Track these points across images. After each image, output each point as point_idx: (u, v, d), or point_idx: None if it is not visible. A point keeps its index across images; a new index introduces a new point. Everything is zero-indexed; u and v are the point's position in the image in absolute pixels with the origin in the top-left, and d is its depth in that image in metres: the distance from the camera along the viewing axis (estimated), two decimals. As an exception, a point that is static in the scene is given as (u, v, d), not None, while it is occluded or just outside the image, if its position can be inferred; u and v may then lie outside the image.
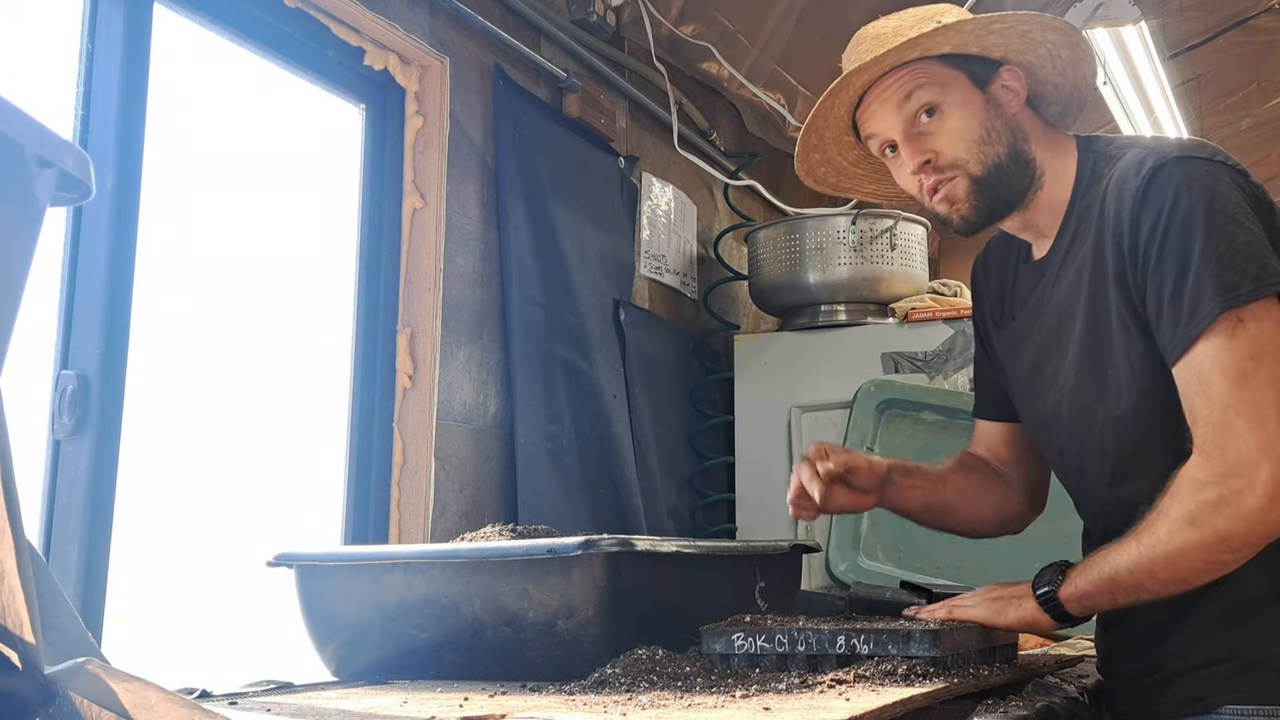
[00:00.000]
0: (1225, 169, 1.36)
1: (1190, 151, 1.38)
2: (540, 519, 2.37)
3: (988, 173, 1.48)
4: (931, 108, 1.49)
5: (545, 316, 2.59)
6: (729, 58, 3.28)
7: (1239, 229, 1.30)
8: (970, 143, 1.47)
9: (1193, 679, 1.36)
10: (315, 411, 2.24)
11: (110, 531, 1.72)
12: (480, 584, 1.49)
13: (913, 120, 1.50)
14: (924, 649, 1.31)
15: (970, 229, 1.52)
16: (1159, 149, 1.39)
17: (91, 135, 1.78)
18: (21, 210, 0.83)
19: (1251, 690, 1.31)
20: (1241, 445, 1.24)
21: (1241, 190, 1.35)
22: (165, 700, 0.82)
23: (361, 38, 2.28)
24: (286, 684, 1.53)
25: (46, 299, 1.73)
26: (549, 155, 2.69)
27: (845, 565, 2.73)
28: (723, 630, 1.42)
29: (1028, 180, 1.51)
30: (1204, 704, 1.35)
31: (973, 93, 1.49)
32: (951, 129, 1.48)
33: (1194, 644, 1.36)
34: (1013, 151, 1.49)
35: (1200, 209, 1.31)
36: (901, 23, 1.52)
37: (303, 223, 2.26)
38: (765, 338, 3.25)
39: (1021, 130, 1.50)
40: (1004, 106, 1.50)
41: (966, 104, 1.48)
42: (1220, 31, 4.26)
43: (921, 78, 1.49)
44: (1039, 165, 1.51)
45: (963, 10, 1.54)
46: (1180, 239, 1.31)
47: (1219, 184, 1.34)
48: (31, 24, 1.78)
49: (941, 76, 1.49)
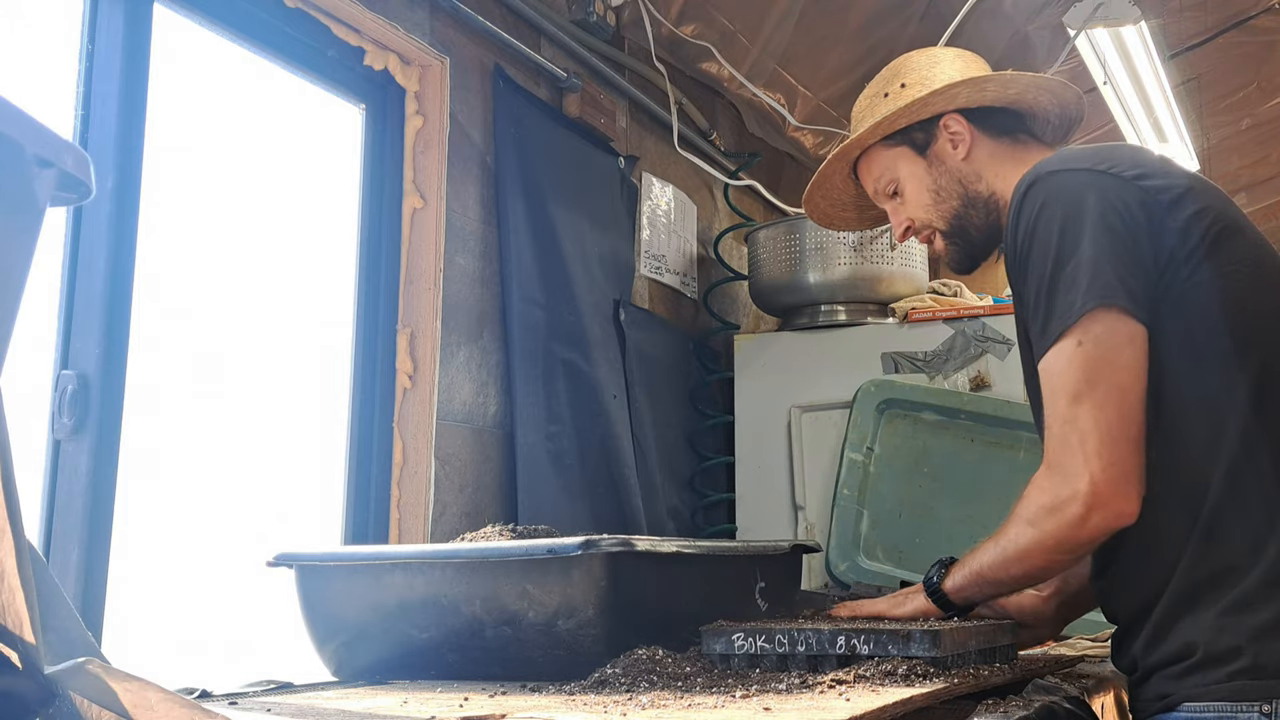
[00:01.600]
0: (1105, 178, 1.42)
1: (1067, 164, 1.45)
2: (540, 519, 2.37)
3: (951, 225, 1.69)
4: (894, 188, 1.73)
5: (545, 316, 2.59)
6: (729, 58, 3.28)
7: (1089, 243, 1.38)
8: (927, 206, 1.69)
9: (1158, 677, 1.40)
10: (315, 411, 2.24)
11: (110, 531, 1.72)
12: (480, 584, 1.49)
13: (887, 199, 1.76)
14: (924, 649, 1.31)
15: (963, 270, 1.74)
16: (1043, 165, 1.48)
17: (91, 135, 1.78)
18: (21, 210, 0.83)
19: (1204, 687, 1.34)
20: (1070, 459, 1.37)
21: (1121, 195, 1.40)
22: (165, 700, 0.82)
23: (361, 38, 2.28)
24: (286, 684, 1.53)
25: (46, 299, 1.73)
26: (549, 155, 2.69)
27: (845, 565, 2.73)
28: (723, 630, 1.42)
29: (993, 214, 1.66)
30: (1167, 702, 1.38)
31: (916, 162, 1.70)
32: (911, 200, 1.71)
33: (1154, 642, 1.41)
34: (965, 199, 1.67)
35: (1055, 224, 1.41)
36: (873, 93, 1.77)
37: (303, 223, 2.26)
38: (765, 338, 3.25)
39: (972, 173, 1.67)
40: (948, 160, 1.68)
41: (913, 176, 1.70)
42: (1220, 31, 4.26)
43: (875, 169, 1.75)
44: (999, 196, 1.65)
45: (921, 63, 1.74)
46: (1039, 256, 1.42)
47: (1086, 195, 1.41)
48: (31, 24, 1.78)
49: (888, 159, 1.73)
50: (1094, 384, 1.36)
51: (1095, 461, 1.35)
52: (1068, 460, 1.38)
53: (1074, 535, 1.39)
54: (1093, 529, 1.38)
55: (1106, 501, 1.36)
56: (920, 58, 1.76)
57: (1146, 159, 1.47)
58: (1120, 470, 1.36)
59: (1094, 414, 1.36)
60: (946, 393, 2.85)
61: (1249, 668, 1.32)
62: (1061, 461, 1.39)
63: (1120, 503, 1.36)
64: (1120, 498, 1.36)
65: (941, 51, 1.78)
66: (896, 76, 1.75)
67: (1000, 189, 1.65)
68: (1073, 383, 1.37)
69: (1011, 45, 3.79)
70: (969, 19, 3.21)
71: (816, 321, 3.18)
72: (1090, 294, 1.36)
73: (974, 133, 1.67)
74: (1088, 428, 1.36)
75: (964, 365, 2.91)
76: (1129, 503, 1.37)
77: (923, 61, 1.75)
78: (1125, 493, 1.36)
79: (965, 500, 2.75)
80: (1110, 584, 1.50)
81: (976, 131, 1.67)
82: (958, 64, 1.74)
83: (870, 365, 3.01)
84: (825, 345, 3.12)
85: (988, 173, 1.66)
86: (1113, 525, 1.38)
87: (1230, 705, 1.33)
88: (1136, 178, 1.42)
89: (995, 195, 1.66)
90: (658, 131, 3.26)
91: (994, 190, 1.65)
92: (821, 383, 3.07)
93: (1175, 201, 1.41)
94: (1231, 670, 1.33)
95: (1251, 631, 1.33)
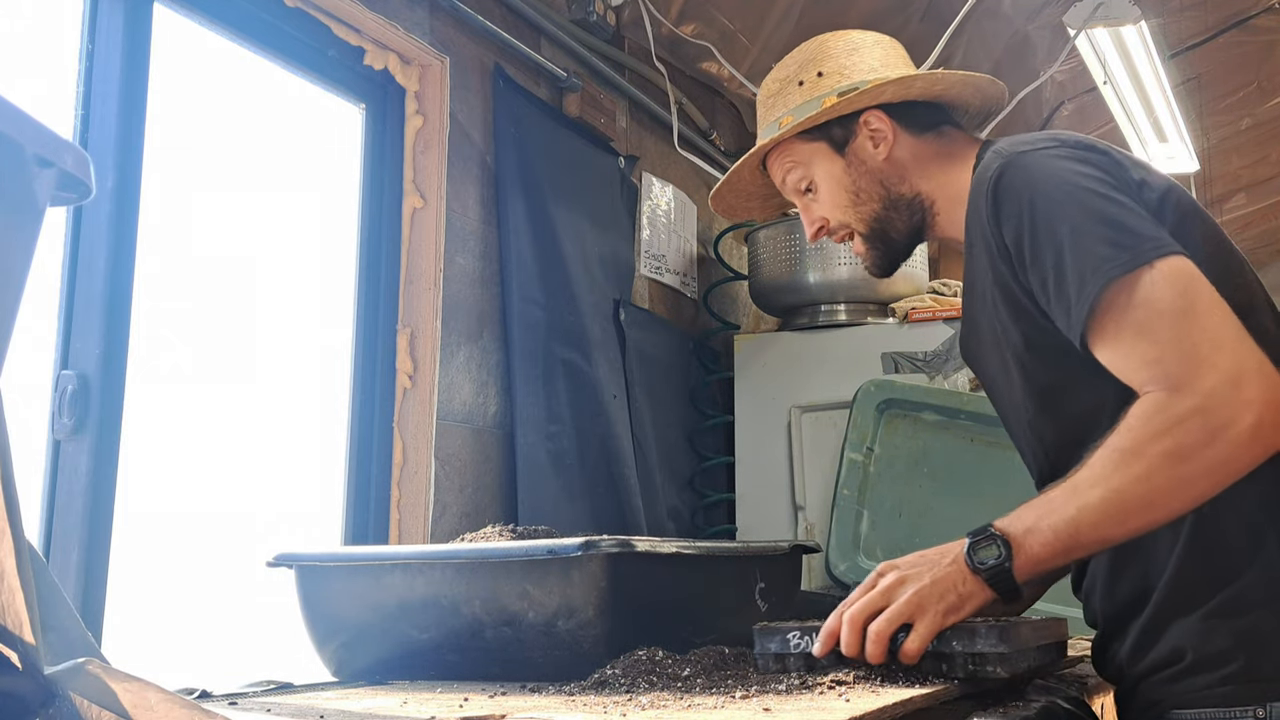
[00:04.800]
0: (1076, 151, 1.33)
1: (1033, 145, 1.36)
2: (540, 519, 2.37)
3: (871, 228, 1.57)
4: (807, 184, 1.60)
5: (545, 316, 2.59)
6: (729, 57, 3.28)
7: (1105, 202, 1.27)
8: (845, 207, 1.57)
9: (1147, 684, 1.33)
10: (316, 411, 2.24)
11: (110, 531, 1.72)
12: (480, 584, 1.49)
13: (799, 195, 1.62)
14: (991, 645, 1.23)
15: (882, 273, 1.61)
16: (1007, 148, 1.38)
17: (91, 135, 1.78)
18: (21, 210, 0.83)
19: (1196, 692, 1.28)
20: (1208, 368, 1.17)
21: (1097, 168, 1.32)
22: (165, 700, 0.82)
23: (361, 37, 2.28)
24: (286, 684, 1.53)
25: (46, 299, 1.73)
26: (549, 155, 2.69)
27: (845, 565, 2.73)
28: (776, 630, 1.37)
29: (918, 216, 1.56)
30: (1156, 709, 1.32)
31: (834, 160, 1.57)
32: (826, 200, 1.59)
33: (1141, 648, 1.34)
34: (887, 200, 1.55)
35: (1055, 196, 1.29)
36: (784, 77, 1.63)
37: (303, 223, 2.26)
38: (765, 338, 3.25)
39: (894, 173, 1.55)
40: (869, 159, 1.55)
41: (830, 175, 1.57)
42: (1220, 31, 4.26)
43: (788, 162, 1.61)
44: (925, 196, 1.55)
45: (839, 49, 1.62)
46: (1046, 230, 1.28)
47: (1066, 169, 1.31)
48: (31, 24, 1.78)
49: (803, 155, 1.59)
50: (1192, 294, 1.20)
51: (1247, 355, 1.17)
52: (1208, 371, 1.17)
53: (1240, 458, 1.18)
54: (1266, 441, 1.17)
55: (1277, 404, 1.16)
56: (838, 43, 1.62)
57: (1100, 141, 1.39)
58: (1273, 369, 1.17)
59: (1213, 316, 1.19)
60: (946, 393, 2.85)
61: (1242, 671, 1.25)
62: (1201, 374, 1.17)
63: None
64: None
65: (860, 36, 1.64)
66: (812, 63, 1.60)
67: (925, 189, 1.54)
68: (1166, 301, 1.20)
69: (1011, 45, 3.79)
70: (969, 19, 3.21)
71: (816, 321, 3.19)
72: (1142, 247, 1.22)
73: (896, 130, 1.54)
74: (1216, 325, 1.18)
75: (964, 365, 2.90)
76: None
77: (840, 47, 1.61)
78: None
79: (965, 500, 2.75)
80: (1090, 585, 1.42)
81: (899, 128, 1.55)
82: (877, 52, 1.62)
83: (870, 365, 3.01)
84: (825, 345, 3.12)
85: (911, 173, 1.54)
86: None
87: (1223, 711, 1.26)
88: (1104, 152, 1.36)
89: (920, 196, 1.54)
90: (658, 131, 3.26)
91: (918, 190, 1.54)
92: (821, 383, 3.07)
93: (1142, 182, 1.34)
94: (1224, 674, 1.26)
95: (1244, 634, 1.26)
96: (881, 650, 1.25)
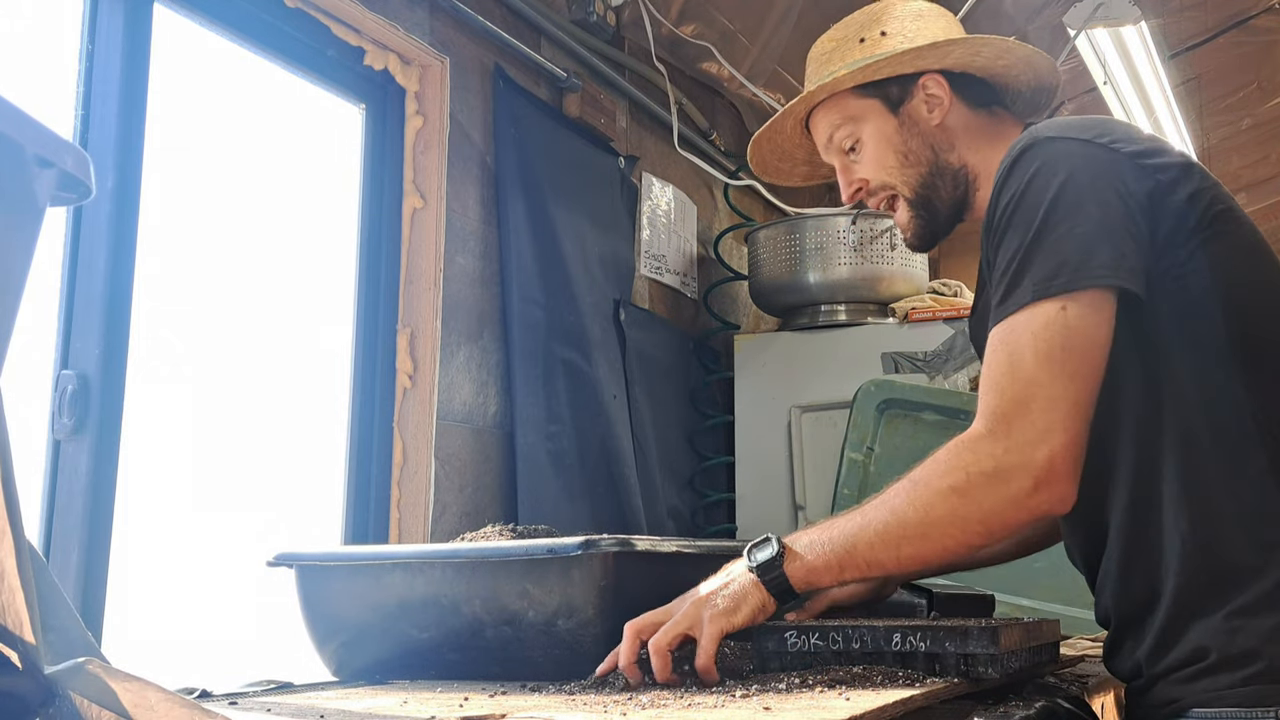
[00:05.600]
0: (1103, 150, 1.30)
1: (1064, 132, 1.33)
2: (540, 519, 2.37)
3: (917, 193, 1.53)
4: (853, 143, 1.56)
5: (545, 316, 2.59)
6: (729, 58, 3.28)
7: (1084, 214, 1.26)
8: (890, 168, 1.53)
9: (1165, 682, 1.32)
10: (315, 411, 2.24)
11: (110, 531, 1.72)
12: (480, 584, 1.49)
13: (841, 154, 1.58)
14: (983, 646, 1.25)
15: (922, 247, 1.58)
16: (1040, 129, 1.35)
17: (91, 135, 1.78)
18: (21, 210, 0.83)
19: (1217, 692, 1.27)
20: (1028, 425, 1.22)
21: (1119, 171, 1.29)
22: (165, 700, 0.82)
23: (361, 38, 2.28)
24: (286, 684, 1.53)
25: (46, 299, 1.73)
26: (549, 155, 2.69)
27: (845, 565, 2.73)
28: (774, 628, 1.36)
29: (961, 189, 1.53)
30: (1175, 707, 1.30)
31: (886, 118, 1.54)
32: (870, 159, 1.55)
33: (1161, 647, 1.32)
34: (934, 166, 1.52)
35: (1051, 190, 1.28)
36: (842, 36, 1.59)
37: (303, 223, 2.26)
38: (765, 338, 3.25)
39: (945, 140, 1.53)
40: (922, 122, 1.53)
41: (880, 133, 1.54)
42: (1220, 31, 4.26)
43: (837, 117, 1.57)
44: (971, 169, 1.52)
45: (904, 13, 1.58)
46: (1024, 218, 1.28)
47: (1086, 164, 1.29)
48: (31, 24, 1.78)
49: (856, 110, 1.55)
50: (1071, 353, 1.23)
51: (1060, 434, 1.21)
52: (1023, 425, 1.22)
53: (1009, 514, 1.23)
54: (1033, 509, 1.23)
55: (1058, 481, 1.22)
56: (904, 8, 1.59)
57: (1141, 136, 1.36)
58: (1078, 452, 1.23)
59: (1067, 383, 1.22)
60: (946, 393, 2.85)
61: (1265, 670, 1.24)
62: (1015, 426, 1.22)
63: (1067, 487, 1.23)
64: (1069, 482, 1.23)
65: (926, 5, 1.62)
66: (875, 22, 1.58)
67: (972, 162, 1.52)
68: (1048, 344, 1.23)
69: (1011, 45, 3.79)
70: (969, 19, 3.21)
71: (816, 321, 3.19)
72: (1081, 271, 1.23)
73: (953, 98, 1.53)
74: (1058, 394, 1.22)
75: (964, 365, 2.91)
76: (1072, 490, 1.23)
77: (906, 12, 1.59)
78: (1074, 478, 1.23)
79: (965, 500, 2.75)
80: (1102, 584, 1.40)
81: (955, 97, 1.53)
82: (941, 22, 1.60)
83: (870, 365, 3.01)
84: (825, 345, 3.12)
85: (960, 143, 1.53)
86: (1054, 510, 1.24)
87: (1245, 711, 1.25)
88: (1135, 155, 1.32)
89: (966, 168, 1.53)
90: (658, 131, 3.26)
91: (965, 162, 1.52)
92: (821, 383, 3.07)
93: (1174, 182, 1.31)
94: (1247, 674, 1.24)
95: (1268, 633, 1.24)
96: (664, 664, 1.28)
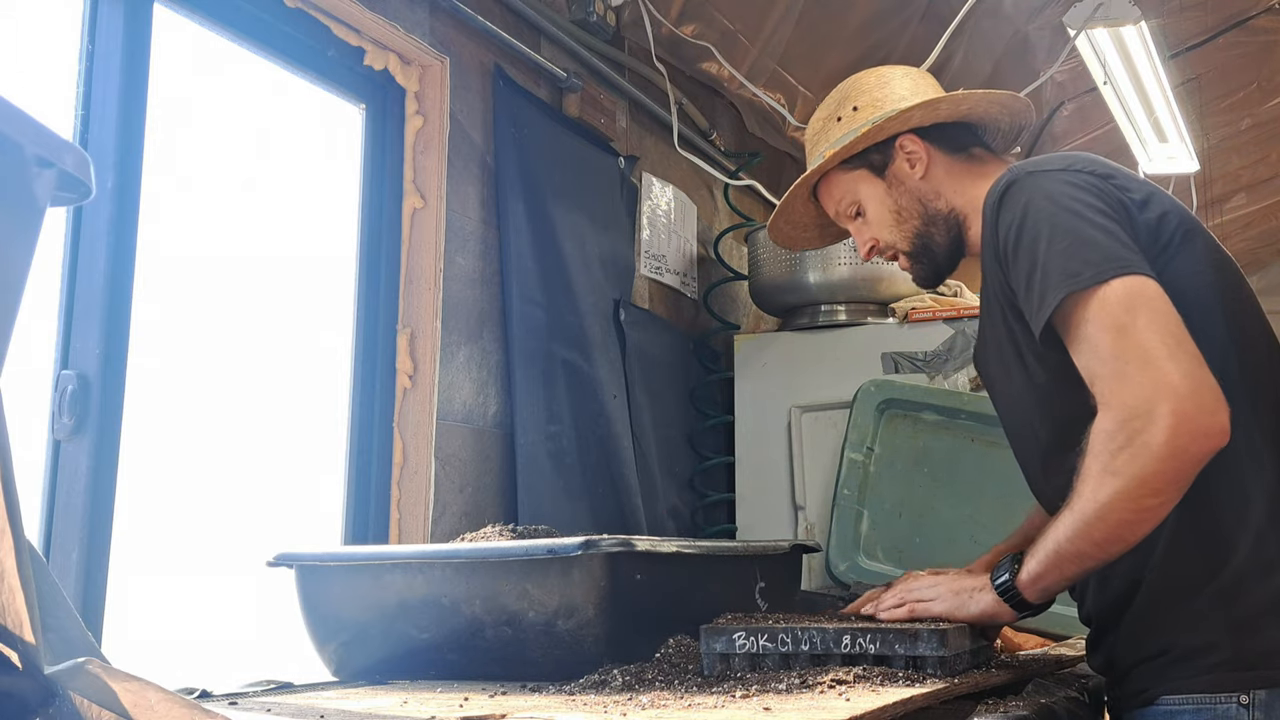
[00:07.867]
0: (1081, 176, 1.43)
1: (1044, 166, 1.46)
2: (540, 519, 2.37)
3: (914, 245, 1.69)
4: (855, 209, 1.74)
5: (545, 316, 2.59)
6: (729, 58, 3.28)
7: (1084, 224, 1.37)
8: (890, 226, 1.70)
9: (1137, 673, 1.42)
10: (315, 411, 2.24)
11: (110, 531, 1.72)
12: (480, 584, 1.49)
13: (849, 220, 1.76)
14: (932, 648, 1.30)
15: (929, 285, 1.75)
16: (1019, 168, 1.48)
17: (91, 135, 1.78)
18: (21, 210, 0.83)
19: (1183, 681, 1.37)
20: (1136, 388, 1.26)
21: (1097, 194, 1.41)
22: (165, 700, 0.82)
23: (361, 38, 2.28)
24: (286, 684, 1.53)
25: (46, 299, 1.73)
26: (549, 155, 2.69)
27: (845, 565, 2.73)
28: (723, 629, 1.40)
29: (954, 230, 1.67)
30: (1145, 696, 1.40)
31: (875, 184, 1.70)
32: (873, 221, 1.72)
33: (1131, 640, 1.42)
34: (925, 217, 1.67)
35: (1045, 213, 1.39)
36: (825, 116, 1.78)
37: (303, 223, 2.26)
38: (765, 338, 3.25)
39: (931, 191, 1.67)
40: (907, 180, 1.68)
41: (874, 197, 1.71)
42: (1220, 31, 4.26)
43: (836, 191, 1.75)
44: (959, 211, 1.66)
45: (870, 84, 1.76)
46: (1030, 240, 1.39)
47: (1067, 191, 1.41)
48: (31, 24, 1.78)
49: (849, 182, 1.73)
50: (1135, 311, 1.29)
51: (1170, 370, 1.24)
52: (1130, 386, 1.26)
53: (1162, 469, 1.25)
54: (1186, 453, 1.24)
55: (1194, 414, 1.23)
56: (869, 79, 1.77)
57: (1111, 166, 1.49)
58: (1199, 379, 1.24)
59: (1148, 332, 1.27)
60: (946, 393, 2.85)
61: (1228, 660, 1.34)
62: (1123, 391, 1.27)
63: (1208, 417, 1.23)
64: (1207, 411, 1.23)
65: (889, 71, 1.79)
66: (847, 100, 1.76)
67: (959, 204, 1.66)
68: (1110, 318, 1.29)
69: (1011, 45, 3.79)
70: (969, 19, 3.21)
71: (816, 321, 3.18)
72: (1105, 265, 1.32)
73: (930, 151, 1.67)
74: (1147, 342, 1.26)
75: (964, 365, 2.91)
76: (1219, 415, 1.24)
77: (872, 82, 1.76)
78: (1212, 404, 1.24)
79: (965, 500, 2.75)
80: (1084, 587, 1.50)
81: (933, 149, 1.68)
82: (906, 83, 1.75)
83: (870, 365, 3.01)
84: (825, 345, 3.12)
85: (946, 189, 1.67)
86: (1210, 445, 1.24)
87: (1209, 697, 1.35)
88: (1107, 177, 1.44)
89: (955, 211, 1.66)
90: (658, 131, 3.26)
91: (953, 206, 1.66)
92: (821, 383, 3.07)
93: (1144, 202, 1.44)
94: (1211, 663, 1.35)
95: (1230, 624, 1.35)
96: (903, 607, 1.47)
